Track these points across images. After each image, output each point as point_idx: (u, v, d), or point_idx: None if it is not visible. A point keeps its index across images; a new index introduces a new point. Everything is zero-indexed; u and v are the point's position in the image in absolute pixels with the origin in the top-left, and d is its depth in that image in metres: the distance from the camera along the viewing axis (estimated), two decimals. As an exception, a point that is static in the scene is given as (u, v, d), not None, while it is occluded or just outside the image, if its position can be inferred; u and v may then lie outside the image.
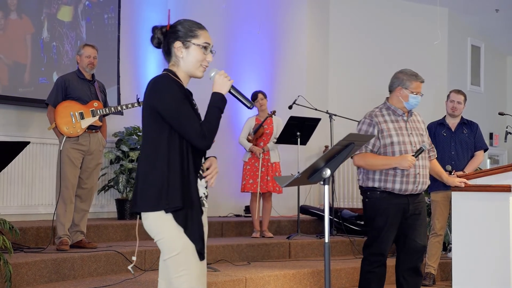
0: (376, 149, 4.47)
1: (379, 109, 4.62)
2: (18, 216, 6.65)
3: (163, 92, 2.69)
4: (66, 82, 5.66)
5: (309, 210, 8.14)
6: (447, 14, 10.65)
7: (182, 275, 2.69)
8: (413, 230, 4.51)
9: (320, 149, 9.42)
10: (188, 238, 2.68)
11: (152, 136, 2.71)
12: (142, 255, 5.52)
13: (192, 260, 2.70)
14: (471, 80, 11.56)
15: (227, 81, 2.81)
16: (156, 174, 2.67)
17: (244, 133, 7.25)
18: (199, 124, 2.69)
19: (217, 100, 2.77)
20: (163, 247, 2.72)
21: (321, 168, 2.86)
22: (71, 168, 5.55)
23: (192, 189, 2.70)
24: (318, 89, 9.69)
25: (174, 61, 2.83)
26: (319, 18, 9.96)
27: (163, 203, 2.65)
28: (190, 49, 2.80)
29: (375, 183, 4.45)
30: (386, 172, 4.41)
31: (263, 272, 5.56)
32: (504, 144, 11.08)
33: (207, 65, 2.84)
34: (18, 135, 6.64)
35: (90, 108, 5.66)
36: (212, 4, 8.92)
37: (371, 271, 4.55)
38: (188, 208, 2.68)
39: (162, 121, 2.69)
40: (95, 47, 5.84)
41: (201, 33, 2.82)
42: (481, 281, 4.92)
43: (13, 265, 4.33)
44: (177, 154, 2.68)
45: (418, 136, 4.52)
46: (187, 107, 2.70)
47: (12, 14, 6.87)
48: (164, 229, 2.69)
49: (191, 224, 2.69)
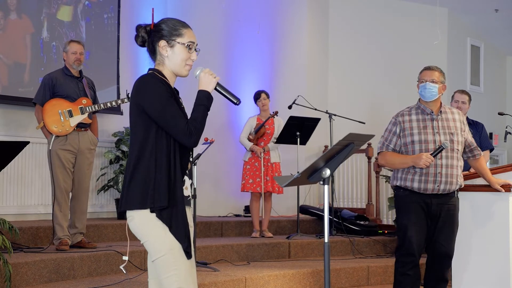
0: (398, 148, 4.51)
1: (409, 108, 4.60)
2: (18, 216, 6.65)
3: (149, 90, 2.71)
4: (53, 80, 5.56)
5: (308, 210, 8.14)
6: (447, 14, 10.65)
7: (171, 275, 2.69)
8: (439, 233, 4.44)
9: (320, 149, 9.42)
10: (174, 238, 2.68)
11: (139, 135, 2.73)
12: (142, 255, 5.51)
13: (180, 260, 2.70)
14: (471, 80, 11.56)
15: (212, 78, 2.81)
16: (143, 173, 2.69)
17: (245, 132, 7.24)
18: (185, 122, 2.69)
19: (202, 98, 2.77)
20: (150, 248, 2.73)
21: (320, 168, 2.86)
22: (62, 169, 5.46)
23: (177, 189, 2.71)
24: (317, 88, 9.69)
25: (159, 60, 2.85)
26: (318, 18, 9.95)
27: (149, 201, 2.66)
28: (175, 48, 2.81)
29: (398, 181, 4.50)
30: (407, 171, 4.43)
31: (262, 272, 5.56)
32: (504, 144, 11.08)
33: (191, 63, 2.85)
34: (17, 135, 6.65)
35: (79, 105, 5.56)
36: (211, 4, 8.92)
37: (405, 273, 4.48)
38: (173, 207, 2.69)
39: (149, 120, 2.70)
40: (81, 43, 5.74)
41: (185, 31, 2.82)
42: (481, 281, 4.91)
43: (13, 265, 4.33)
44: (164, 153, 2.70)
45: (447, 135, 4.42)
46: (173, 105, 2.71)
47: (12, 14, 6.87)
48: (150, 230, 2.70)
49: (176, 223, 2.69)
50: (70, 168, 5.54)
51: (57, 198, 5.45)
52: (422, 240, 4.48)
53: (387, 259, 6.74)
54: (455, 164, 4.42)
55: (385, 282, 6.31)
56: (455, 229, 4.52)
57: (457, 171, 4.44)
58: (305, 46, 9.61)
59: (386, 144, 4.54)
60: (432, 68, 4.56)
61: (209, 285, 4.91)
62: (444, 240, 4.45)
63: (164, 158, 2.69)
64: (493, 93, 12.33)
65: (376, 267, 6.35)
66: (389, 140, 4.54)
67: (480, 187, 4.91)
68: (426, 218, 4.45)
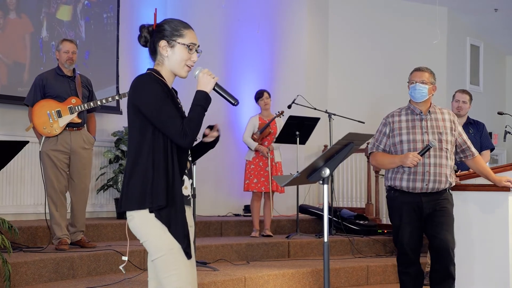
0: (388, 148, 4.54)
1: (400, 109, 4.65)
2: (17, 215, 6.65)
3: (145, 90, 2.71)
4: (44, 80, 5.51)
5: (308, 210, 8.14)
6: (446, 14, 10.65)
7: (171, 275, 2.69)
8: (435, 227, 4.43)
9: (319, 148, 9.43)
10: (173, 237, 2.68)
11: (136, 135, 2.73)
12: (141, 255, 5.52)
13: (180, 260, 2.70)
14: (470, 80, 11.56)
15: (210, 79, 2.80)
16: (141, 173, 2.68)
17: (248, 132, 7.22)
18: (181, 122, 2.69)
19: (200, 98, 2.77)
20: (150, 248, 2.73)
21: (320, 168, 2.86)
22: (53, 170, 5.44)
23: (176, 188, 2.70)
24: (317, 88, 9.69)
25: (159, 59, 2.85)
26: (318, 18, 9.95)
27: (147, 201, 2.66)
28: (175, 48, 2.80)
29: (388, 181, 4.55)
30: (396, 171, 4.46)
31: (262, 272, 5.56)
32: (503, 144, 11.07)
33: (192, 64, 2.84)
34: (17, 135, 6.64)
35: (68, 105, 5.50)
36: (211, 4, 8.92)
37: (404, 272, 4.57)
38: (172, 207, 2.68)
39: (146, 120, 2.70)
40: (74, 42, 5.70)
41: (186, 32, 2.82)
42: (481, 281, 4.91)
43: (12, 264, 4.33)
44: (161, 152, 2.69)
45: (435, 135, 4.44)
46: (169, 105, 2.70)
47: (11, 14, 6.87)
48: (149, 229, 2.69)
49: (175, 223, 2.68)
50: (64, 168, 5.50)
51: (52, 199, 5.43)
52: (415, 239, 4.50)
53: (386, 259, 6.74)
54: (444, 163, 4.44)
55: (385, 281, 6.31)
56: (450, 221, 4.47)
57: (446, 170, 4.44)
58: (305, 46, 9.61)
59: (376, 144, 4.59)
60: (422, 69, 4.59)
61: (209, 284, 4.91)
62: (440, 232, 4.40)
63: (162, 158, 2.69)
64: (493, 92, 12.33)
65: (375, 266, 6.35)
66: (379, 140, 4.59)
67: (480, 187, 4.91)
68: (418, 218, 4.48)
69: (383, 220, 8.41)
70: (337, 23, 10.13)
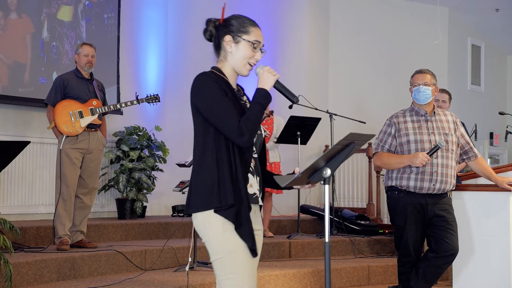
0: (393, 148, 4.55)
1: (403, 111, 4.67)
2: (18, 215, 6.65)
3: (201, 90, 2.68)
4: (65, 81, 5.67)
5: (309, 210, 8.14)
6: (448, 14, 10.65)
7: (229, 278, 2.67)
8: (442, 231, 4.45)
9: (321, 148, 9.42)
10: (239, 237, 2.64)
11: (199, 136, 2.70)
12: (142, 255, 5.52)
13: (240, 263, 2.66)
14: (472, 80, 11.56)
15: (271, 76, 2.78)
16: (206, 174, 2.65)
17: None
18: (237, 121, 2.63)
19: (259, 96, 2.74)
20: (209, 249, 2.72)
21: (321, 168, 2.85)
22: (71, 167, 5.55)
23: (240, 186, 2.65)
24: (318, 88, 9.69)
25: (222, 55, 2.82)
26: (319, 17, 9.95)
27: (214, 201, 2.62)
28: (240, 44, 2.79)
29: (393, 181, 4.54)
30: (403, 170, 4.46)
31: (263, 272, 5.56)
32: (504, 144, 11.07)
33: (254, 63, 2.82)
34: (18, 135, 6.65)
35: (89, 106, 5.66)
36: (211, 3, 8.91)
37: (405, 272, 4.58)
38: (238, 206, 2.64)
39: (206, 120, 2.67)
40: (93, 46, 5.84)
41: (253, 30, 2.81)
42: (481, 281, 4.92)
43: (14, 264, 4.33)
44: (224, 151, 2.65)
45: (441, 135, 4.47)
46: (225, 103, 2.66)
47: (12, 14, 6.87)
48: (210, 231, 2.67)
49: (242, 221, 2.64)
50: (78, 166, 5.63)
51: (63, 196, 5.50)
52: (419, 240, 4.53)
53: (387, 259, 6.74)
54: (450, 164, 4.47)
55: (386, 281, 6.31)
56: (456, 226, 4.53)
57: (452, 171, 4.48)
58: (305, 46, 9.60)
59: (381, 145, 4.60)
60: (423, 71, 4.61)
61: (210, 285, 4.91)
62: (448, 237, 4.45)
63: (225, 157, 2.64)
64: (494, 92, 12.33)
65: (376, 266, 6.35)
66: (384, 141, 4.59)
67: (481, 187, 4.91)
68: (422, 219, 4.49)
69: (384, 220, 8.41)
70: (338, 23, 10.13)
